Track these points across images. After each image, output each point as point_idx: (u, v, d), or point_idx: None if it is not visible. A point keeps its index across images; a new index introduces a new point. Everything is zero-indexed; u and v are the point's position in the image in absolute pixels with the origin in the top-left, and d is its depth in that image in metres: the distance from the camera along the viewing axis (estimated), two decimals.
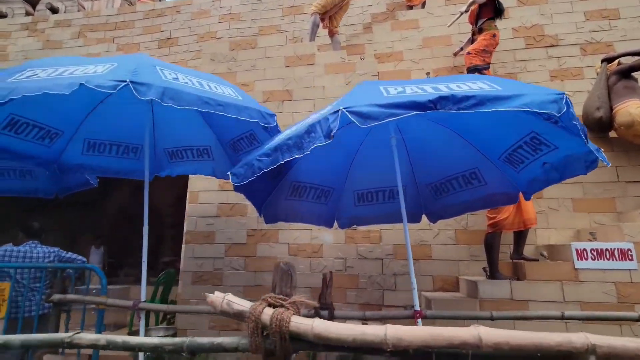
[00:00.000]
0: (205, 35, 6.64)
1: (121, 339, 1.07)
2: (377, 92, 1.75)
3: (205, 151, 3.95)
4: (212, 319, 4.15)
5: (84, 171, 3.64)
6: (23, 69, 2.08)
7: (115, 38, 6.87)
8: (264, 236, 4.27)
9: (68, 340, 1.09)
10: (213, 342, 1.04)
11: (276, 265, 1.21)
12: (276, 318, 0.98)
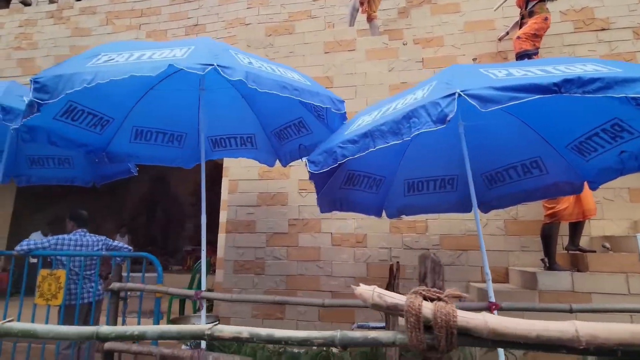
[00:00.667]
0: (234, 22, 6.52)
1: (265, 331, 1.03)
2: (482, 75, 1.66)
3: (249, 139, 3.90)
4: (255, 307, 4.16)
5: (131, 159, 3.62)
6: (96, 54, 2.02)
7: (141, 25, 6.78)
8: (305, 226, 4.23)
9: (209, 332, 1.05)
10: (367, 336, 0.99)
11: (425, 256, 1.15)
12: (441, 312, 0.92)
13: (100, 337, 1.11)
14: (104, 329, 1.12)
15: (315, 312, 4.01)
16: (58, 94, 1.75)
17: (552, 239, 3.22)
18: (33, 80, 1.79)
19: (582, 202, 3.21)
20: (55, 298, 3.14)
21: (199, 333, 1.05)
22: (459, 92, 1.50)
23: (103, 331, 1.11)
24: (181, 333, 1.07)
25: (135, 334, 1.09)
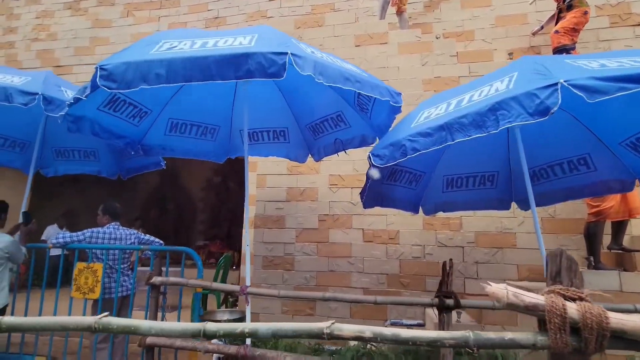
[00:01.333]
0: (255, 14, 6.43)
1: (390, 331, 0.97)
2: (573, 66, 1.59)
3: (282, 133, 3.84)
4: (285, 303, 4.12)
5: (165, 152, 3.56)
6: (157, 41, 1.96)
7: (160, 17, 6.70)
8: (336, 221, 4.17)
9: (328, 331, 0.99)
10: (504, 337, 0.93)
11: (556, 253, 1.09)
12: (590, 313, 0.86)
13: (207, 334, 1.06)
14: (210, 325, 1.07)
15: (347, 309, 3.97)
16: (127, 83, 1.68)
17: (597, 238, 3.16)
18: (99, 67, 1.73)
19: (629, 200, 3.14)
20: (92, 292, 3.10)
21: (317, 332, 0.99)
22: (562, 82, 1.43)
23: (210, 328, 1.06)
24: (297, 331, 1.01)
25: (246, 332, 1.04)
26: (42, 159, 4.52)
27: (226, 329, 1.05)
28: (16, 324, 1.17)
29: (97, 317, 1.13)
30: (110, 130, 2.89)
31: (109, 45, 6.12)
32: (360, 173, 4.22)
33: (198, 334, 1.06)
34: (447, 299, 2.37)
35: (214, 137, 3.75)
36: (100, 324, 1.11)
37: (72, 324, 1.13)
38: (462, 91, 2.04)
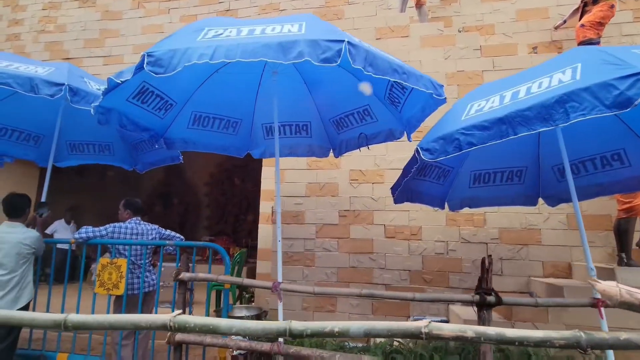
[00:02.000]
0: (267, 7, 6.33)
1: (494, 331, 0.92)
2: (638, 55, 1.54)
3: (304, 127, 3.77)
4: (305, 299, 4.07)
5: (187, 146, 3.48)
6: (201, 28, 1.89)
7: (170, 9, 6.58)
8: (357, 217, 4.12)
9: (426, 330, 0.94)
10: (619, 337, 0.88)
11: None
12: None
13: (293, 333, 1.00)
14: (295, 324, 1.01)
15: (368, 305, 3.93)
16: (174, 67, 1.62)
17: (629, 234, 3.12)
18: (146, 54, 1.66)
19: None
20: (116, 288, 3.04)
21: (415, 331, 0.94)
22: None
23: (296, 327, 1.01)
24: (392, 331, 0.96)
25: (336, 331, 0.98)
26: (56, 152, 4.45)
27: (314, 328, 1.00)
28: (84, 322, 1.11)
29: (171, 316, 1.07)
30: (137, 123, 2.82)
31: (119, 38, 6.01)
32: (381, 168, 4.17)
33: (283, 333, 1.01)
34: (487, 295, 2.33)
35: (235, 130, 3.68)
36: (177, 323, 1.05)
37: (144, 322, 1.08)
38: (512, 83, 1.98)
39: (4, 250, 2.82)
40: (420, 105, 2.74)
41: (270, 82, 3.35)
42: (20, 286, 2.82)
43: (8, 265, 2.83)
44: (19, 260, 2.84)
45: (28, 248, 2.84)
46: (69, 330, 1.13)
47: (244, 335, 1.03)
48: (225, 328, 1.03)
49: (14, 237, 2.79)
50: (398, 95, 2.83)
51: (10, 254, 2.79)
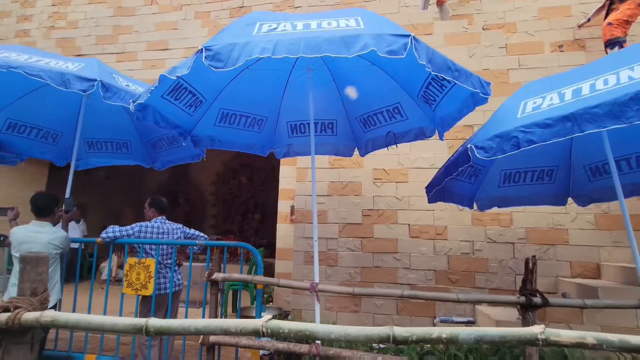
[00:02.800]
0: (282, 4, 6.27)
1: (616, 337, 0.88)
2: None
3: (330, 125, 3.73)
4: (328, 299, 4.03)
5: (213, 144, 3.43)
6: (252, 22, 1.84)
7: (182, 6, 6.51)
8: (381, 216, 4.08)
9: (543, 337, 0.90)
10: None
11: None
12: None
13: (397, 339, 0.96)
14: (399, 330, 0.97)
15: (393, 305, 3.90)
16: (234, 61, 1.57)
17: None
18: (205, 47, 1.61)
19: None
20: (145, 288, 2.99)
21: (531, 338, 0.89)
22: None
23: (400, 333, 0.96)
24: (505, 337, 0.92)
25: (443, 337, 0.94)
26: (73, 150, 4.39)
27: (419, 334, 0.95)
28: (168, 327, 1.07)
29: (263, 321, 1.02)
30: (168, 119, 2.76)
31: (132, 34, 5.94)
32: (405, 167, 4.13)
33: (386, 339, 0.96)
34: (532, 297, 2.29)
35: (260, 128, 3.63)
36: (269, 328, 1.01)
37: (234, 327, 1.03)
38: (569, 80, 1.94)
39: (34, 250, 2.77)
40: (458, 104, 2.69)
41: (300, 79, 3.31)
42: (48, 286, 2.76)
43: None
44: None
45: (56, 248, 2.79)
46: (151, 335, 1.09)
47: (344, 341, 0.98)
48: (322, 334, 0.98)
49: (43, 237, 2.74)
50: (434, 94, 2.78)
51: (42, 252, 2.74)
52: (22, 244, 2.73)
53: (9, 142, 3.86)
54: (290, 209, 4.93)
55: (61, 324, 1.13)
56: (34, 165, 7.44)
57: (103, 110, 3.88)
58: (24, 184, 7.26)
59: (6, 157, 4.32)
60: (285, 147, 3.82)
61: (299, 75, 3.17)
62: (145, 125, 4.27)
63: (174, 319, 1.12)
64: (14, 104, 3.67)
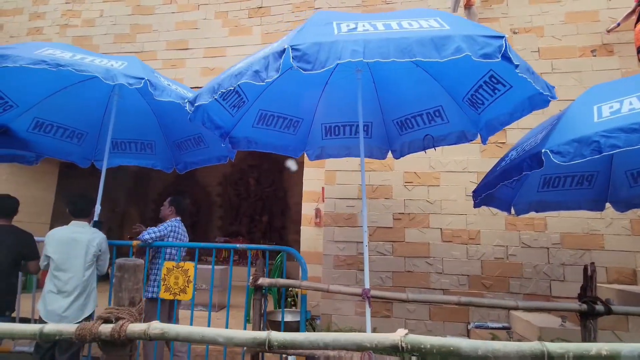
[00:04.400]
0: (302, 5, 6.21)
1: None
2: None
3: (365, 128, 3.66)
4: (358, 304, 3.97)
5: (249, 145, 3.37)
6: (328, 22, 1.78)
7: (200, 5, 6.44)
8: (412, 220, 4.03)
9: None
10: None
11: None
12: None
13: (552, 355, 0.91)
14: (552, 346, 0.92)
15: (426, 311, 3.85)
16: (322, 63, 1.51)
17: None
18: (292, 47, 1.54)
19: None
20: (184, 292, 2.91)
21: None
22: None
23: (553, 349, 0.91)
24: None
25: (603, 354, 0.89)
26: (97, 151, 4.32)
27: (575, 350, 0.90)
28: (292, 341, 1.01)
29: (401, 335, 0.97)
30: (213, 120, 2.71)
31: (151, 33, 5.86)
32: (437, 171, 4.09)
33: (540, 356, 0.91)
34: (594, 304, 2.25)
35: (295, 130, 3.57)
36: (409, 343, 0.95)
37: (368, 342, 0.97)
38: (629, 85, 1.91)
39: (75, 251, 2.70)
40: (510, 108, 2.65)
41: (339, 81, 3.27)
42: (87, 292, 2.68)
43: (75, 269, 2.71)
44: (86, 263, 2.71)
45: (95, 250, 2.71)
46: (273, 350, 1.03)
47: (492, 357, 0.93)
48: (468, 349, 0.93)
49: (84, 237, 2.67)
50: (484, 97, 2.74)
51: (79, 256, 2.67)
52: (62, 245, 2.66)
53: (35, 141, 3.78)
54: (315, 211, 4.87)
55: (172, 337, 1.06)
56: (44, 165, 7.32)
57: (129, 110, 3.81)
58: (35, 183, 7.14)
59: (26, 156, 4.24)
60: (318, 149, 3.76)
61: (343, 76, 3.12)
62: (171, 126, 4.21)
63: (298, 333, 1.06)
64: (41, 102, 3.59)
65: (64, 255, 2.69)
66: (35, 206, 7.04)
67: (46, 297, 2.64)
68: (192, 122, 2.45)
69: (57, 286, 2.63)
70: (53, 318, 2.62)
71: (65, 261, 2.68)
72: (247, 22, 6.28)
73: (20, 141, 3.67)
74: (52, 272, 2.65)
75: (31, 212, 6.85)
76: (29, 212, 6.78)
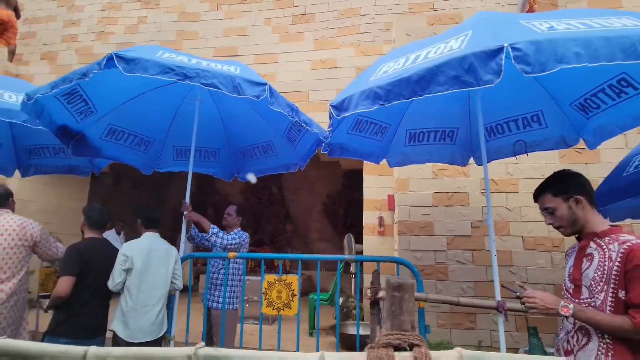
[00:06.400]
0: (347, 12, 6.19)
1: None
2: None
3: (450, 134, 3.60)
4: (440, 316, 3.85)
5: (342, 152, 3.25)
6: (513, 20, 1.69)
7: (243, 12, 6.38)
8: None
9: None
10: None
11: None
12: None
13: None
14: None
15: (512, 321, 3.73)
16: (542, 66, 1.41)
17: None
18: (512, 46, 1.44)
19: None
20: (288, 307, 2.78)
21: None
22: None
23: None
24: None
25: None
26: (160, 158, 4.22)
27: None
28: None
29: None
30: (357, 149, 2.65)
31: (198, 40, 5.77)
32: (515, 177, 4.02)
33: None
34: None
35: (382, 137, 3.46)
36: None
37: None
38: None
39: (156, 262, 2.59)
40: (637, 111, 2.58)
41: None
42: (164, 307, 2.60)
43: (158, 281, 2.60)
44: (168, 275, 2.63)
45: (174, 261, 2.64)
46: None
47: None
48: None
49: (162, 248, 2.65)
50: (603, 101, 2.66)
51: (161, 267, 2.59)
52: (144, 257, 2.55)
53: (106, 148, 3.65)
54: (379, 220, 4.77)
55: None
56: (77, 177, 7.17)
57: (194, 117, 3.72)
58: (68, 194, 6.93)
59: (80, 166, 4.13)
60: (399, 156, 3.67)
61: None
62: (238, 133, 4.11)
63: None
64: (117, 109, 3.48)
65: (146, 267, 2.56)
66: (69, 217, 6.83)
67: (126, 315, 2.49)
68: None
69: (141, 301, 2.50)
70: (137, 336, 2.48)
71: (148, 273, 2.57)
72: (291, 28, 6.23)
73: (93, 149, 3.55)
74: (132, 286, 2.51)
75: (65, 223, 6.65)
76: (63, 224, 6.58)
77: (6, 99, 2.85)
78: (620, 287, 1.40)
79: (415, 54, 2.10)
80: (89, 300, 2.48)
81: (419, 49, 2.10)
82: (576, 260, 1.62)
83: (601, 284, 1.45)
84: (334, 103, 2.18)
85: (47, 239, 2.80)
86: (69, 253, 2.54)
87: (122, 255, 2.57)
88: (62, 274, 2.44)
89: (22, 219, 2.71)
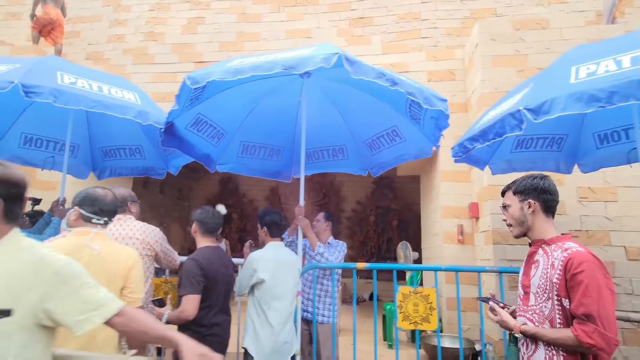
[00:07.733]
0: (406, 16, 6.11)
1: None
2: None
3: (559, 140, 3.49)
4: None
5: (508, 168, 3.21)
6: None
7: (304, 15, 6.26)
8: (591, 238, 3.83)
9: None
10: None
11: None
12: None
13: None
14: None
15: (619, 335, 3.60)
16: None
17: None
18: None
19: None
20: (427, 321, 2.61)
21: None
22: None
23: None
24: None
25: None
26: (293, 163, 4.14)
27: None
28: None
29: None
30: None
31: (260, 42, 5.64)
32: (613, 186, 3.92)
33: None
34: None
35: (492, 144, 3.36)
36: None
37: None
38: None
39: (286, 274, 2.45)
40: None
41: None
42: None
43: (289, 294, 2.46)
44: (296, 288, 2.49)
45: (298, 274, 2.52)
46: None
47: None
48: None
49: (289, 258, 2.55)
50: None
51: (290, 279, 2.46)
52: (275, 269, 2.41)
53: (243, 164, 3.73)
54: (458, 228, 4.64)
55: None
56: (118, 180, 6.97)
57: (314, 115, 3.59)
58: None
59: (156, 168, 3.98)
60: (503, 163, 3.55)
61: None
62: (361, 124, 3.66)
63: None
64: (243, 124, 3.44)
65: (277, 280, 2.41)
66: None
67: (259, 334, 2.32)
68: None
69: (274, 318, 2.34)
70: (273, 356, 2.31)
71: (279, 287, 2.41)
72: (350, 31, 6.14)
73: (234, 167, 3.66)
74: (264, 301, 2.36)
75: None
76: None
77: (129, 99, 2.69)
78: (564, 296, 1.41)
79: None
80: (216, 320, 2.27)
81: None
82: (525, 267, 1.64)
83: (546, 291, 1.47)
84: (531, 106, 2.06)
85: (166, 246, 2.62)
86: (189, 269, 2.28)
87: (251, 269, 2.41)
88: (185, 291, 2.16)
89: (144, 226, 2.53)
